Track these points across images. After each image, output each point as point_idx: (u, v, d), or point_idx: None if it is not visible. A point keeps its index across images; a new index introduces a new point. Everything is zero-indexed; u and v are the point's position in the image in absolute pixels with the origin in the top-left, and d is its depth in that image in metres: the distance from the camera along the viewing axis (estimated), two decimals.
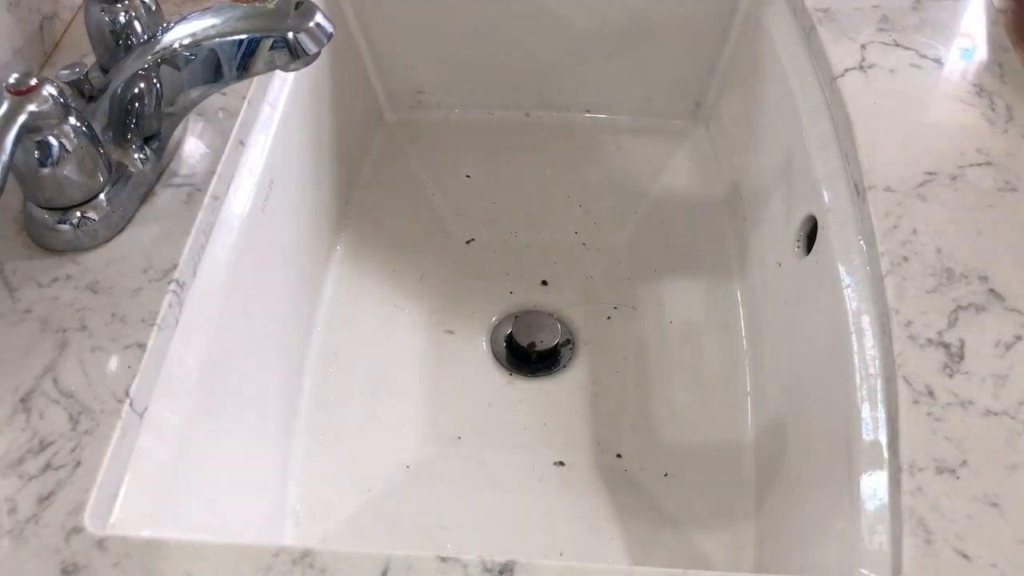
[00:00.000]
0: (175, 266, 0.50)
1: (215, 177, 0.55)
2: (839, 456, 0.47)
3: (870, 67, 0.62)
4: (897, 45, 0.64)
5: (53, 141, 0.47)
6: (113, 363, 0.45)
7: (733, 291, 0.73)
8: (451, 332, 0.72)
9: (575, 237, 0.79)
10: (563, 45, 0.82)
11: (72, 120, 0.48)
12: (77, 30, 0.64)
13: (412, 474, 0.64)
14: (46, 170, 0.48)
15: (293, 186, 0.66)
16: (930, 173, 0.55)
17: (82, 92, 0.51)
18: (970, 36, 0.65)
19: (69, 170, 0.48)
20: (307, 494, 0.61)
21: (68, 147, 0.48)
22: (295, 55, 0.45)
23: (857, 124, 0.58)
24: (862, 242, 0.54)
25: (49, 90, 0.46)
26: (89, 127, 0.49)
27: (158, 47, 0.48)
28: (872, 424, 0.46)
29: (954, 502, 0.41)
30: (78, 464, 0.42)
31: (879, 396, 0.47)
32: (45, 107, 0.46)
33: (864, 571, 0.41)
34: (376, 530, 0.61)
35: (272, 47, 0.45)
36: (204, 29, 0.47)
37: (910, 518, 0.41)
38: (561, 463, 0.65)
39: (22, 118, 0.45)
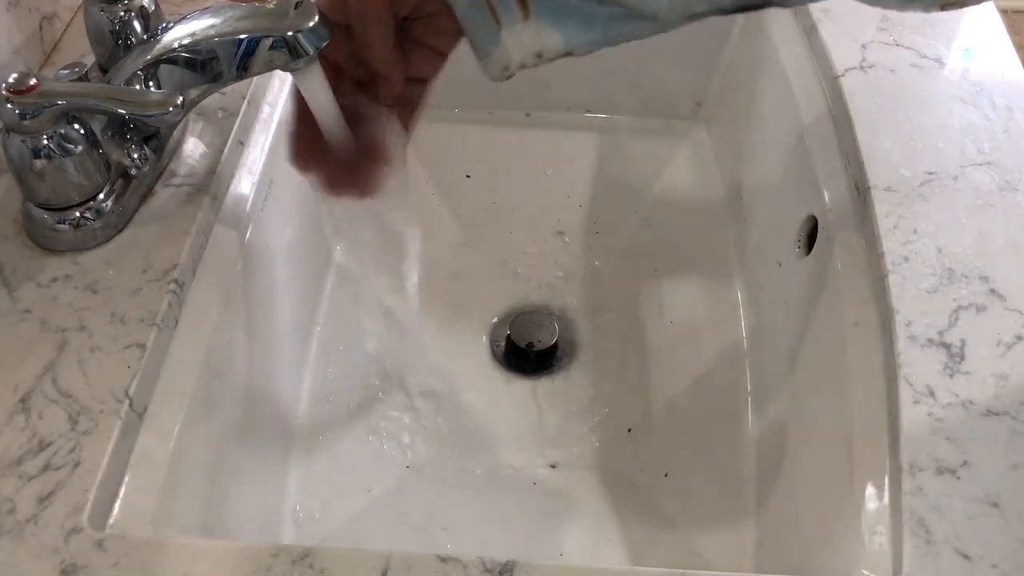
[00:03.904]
0: (175, 266, 0.49)
1: (215, 177, 0.55)
2: (839, 456, 0.47)
3: (871, 67, 0.62)
4: (897, 45, 0.64)
5: (51, 142, 0.47)
6: (113, 363, 0.45)
7: (733, 291, 0.73)
8: (450, 332, 0.72)
9: (575, 237, 0.79)
10: None
11: (71, 120, 0.48)
12: (77, 30, 0.64)
13: (412, 474, 0.64)
14: (45, 170, 0.48)
15: (292, 186, 0.66)
16: (930, 173, 0.55)
17: None
18: (970, 36, 0.65)
19: (68, 170, 0.48)
20: (307, 494, 0.61)
21: (66, 147, 0.48)
22: (295, 55, 0.44)
23: (857, 124, 0.58)
24: (863, 242, 0.54)
25: (48, 90, 0.46)
26: (88, 127, 0.49)
27: (157, 47, 0.48)
28: (872, 424, 0.46)
29: (955, 502, 0.41)
30: (77, 464, 0.42)
31: (880, 396, 0.47)
32: (44, 107, 0.46)
33: (864, 571, 0.41)
34: (376, 530, 0.61)
35: (272, 47, 0.45)
36: (203, 29, 0.47)
37: (910, 518, 0.41)
38: (561, 463, 0.65)
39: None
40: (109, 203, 0.51)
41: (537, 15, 0.43)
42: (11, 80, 0.45)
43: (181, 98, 0.46)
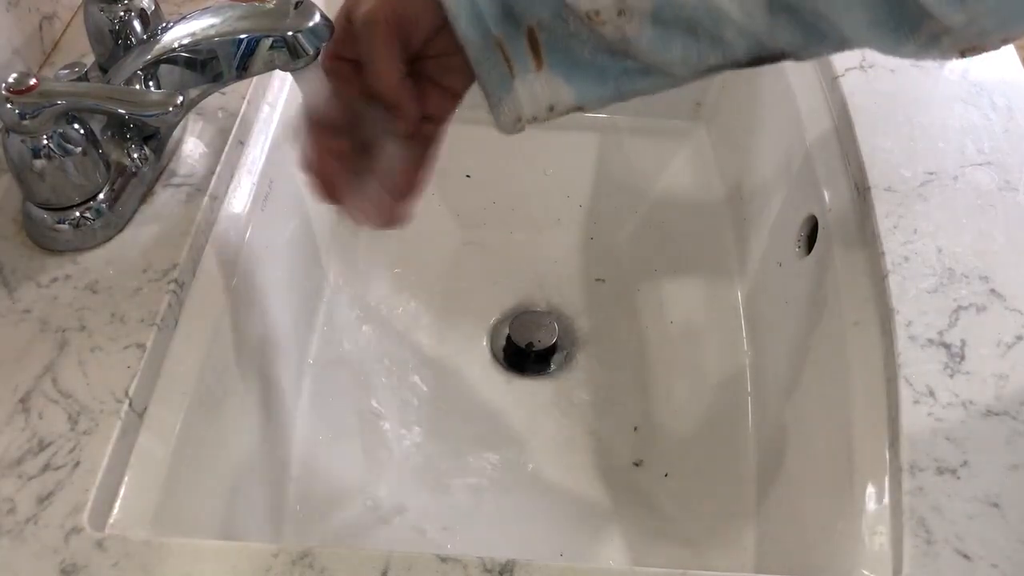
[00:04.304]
0: (175, 266, 0.49)
1: (214, 177, 0.55)
2: (839, 456, 0.47)
3: (871, 67, 0.62)
4: None
5: (51, 142, 0.47)
6: (113, 363, 0.45)
7: (733, 291, 0.73)
8: (450, 332, 0.72)
9: (575, 237, 0.79)
10: None
11: (70, 120, 0.48)
12: (77, 30, 0.64)
13: (412, 474, 0.64)
14: (45, 170, 0.48)
15: (292, 186, 0.66)
16: (930, 173, 0.55)
17: None
18: None
19: (68, 170, 0.48)
20: (307, 494, 0.61)
21: (66, 147, 0.48)
22: (295, 55, 0.45)
23: (858, 124, 0.58)
24: (863, 242, 0.54)
25: (48, 90, 0.46)
26: (88, 127, 0.49)
27: (157, 47, 0.48)
28: (873, 424, 0.46)
29: (955, 502, 0.41)
30: (77, 464, 0.42)
31: (880, 396, 0.47)
32: (44, 107, 0.46)
33: (864, 571, 0.41)
34: (376, 530, 0.61)
35: (272, 47, 0.45)
36: (203, 29, 0.47)
37: (911, 518, 0.41)
38: (561, 463, 0.65)
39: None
40: (109, 203, 0.51)
41: (550, 66, 0.43)
42: (11, 80, 0.45)
43: (181, 98, 0.46)
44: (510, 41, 0.42)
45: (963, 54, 0.37)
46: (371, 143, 0.47)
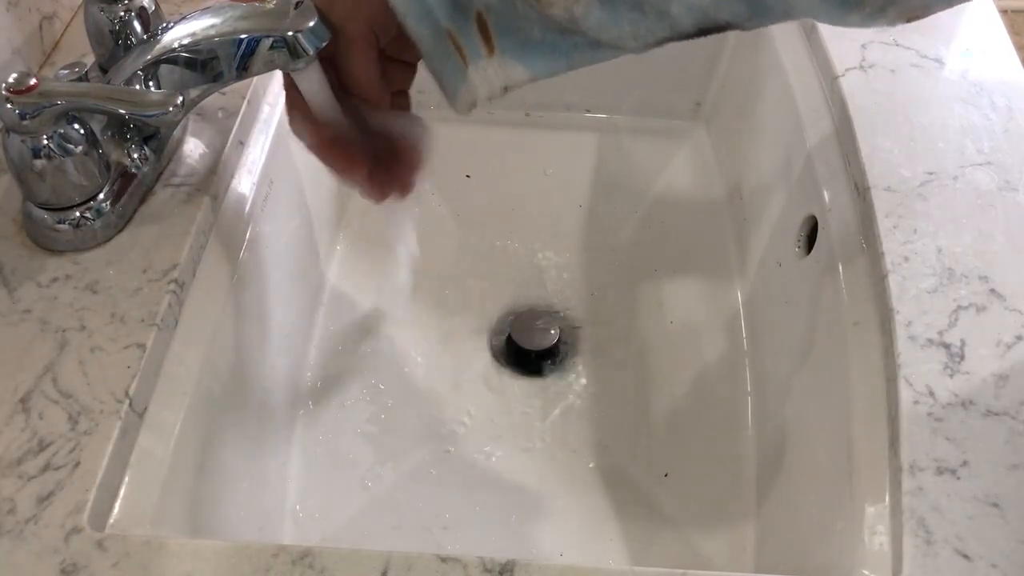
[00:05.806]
0: (175, 266, 0.49)
1: (215, 177, 0.55)
2: (839, 456, 0.47)
3: (871, 67, 0.62)
4: (897, 45, 0.64)
5: (51, 142, 0.47)
6: (113, 363, 0.45)
7: (733, 291, 0.73)
8: (451, 332, 0.72)
9: (575, 237, 0.79)
10: None
11: (70, 120, 0.48)
12: (77, 30, 0.64)
13: (412, 474, 0.64)
14: (45, 170, 0.48)
15: (292, 186, 0.66)
16: (930, 173, 0.55)
17: None
18: (970, 36, 0.65)
19: (68, 170, 0.48)
20: (307, 494, 0.61)
21: (67, 147, 0.48)
22: (295, 55, 0.45)
23: (857, 124, 0.58)
24: (863, 242, 0.54)
25: (48, 90, 0.46)
26: (88, 127, 0.49)
27: (157, 47, 0.48)
28: (872, 424, 0.46)
29: (954, 502, 0.41)
30: (77, 464, 0.42)
31: (880, 396, 0.47)
32: (44, 107, 0.46)
33: (864, 571, 0.41)
34: (376, 530, 0.61)
35: (272, 47, 0.45)
36: (203, 29, 0.47)
37: (910, 518, 0.41)
38: (561, 463, 0.65)
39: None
40: (109, 203, 0.51)
41: (502, 50, 0.43)
42: (11, 80, 0.45)
43: (181, 98, 0.46)
44: (460, 31, 0.43)
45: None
46: (362, 123, 0.48)
